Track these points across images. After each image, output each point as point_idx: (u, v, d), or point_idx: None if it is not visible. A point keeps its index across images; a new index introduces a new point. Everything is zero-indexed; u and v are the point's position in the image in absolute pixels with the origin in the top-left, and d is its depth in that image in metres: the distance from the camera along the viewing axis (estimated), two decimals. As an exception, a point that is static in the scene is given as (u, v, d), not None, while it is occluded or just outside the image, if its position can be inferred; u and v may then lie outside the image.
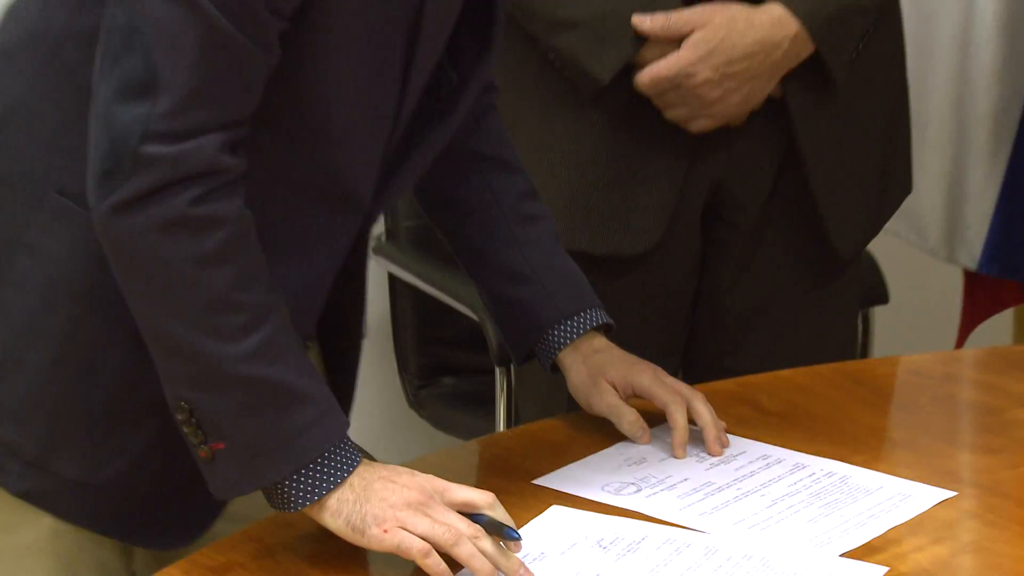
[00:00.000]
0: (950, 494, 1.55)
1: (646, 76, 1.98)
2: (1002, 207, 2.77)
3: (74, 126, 1.40)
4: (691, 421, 1.73)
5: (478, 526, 1.38)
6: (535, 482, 1.60)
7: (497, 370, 2.51)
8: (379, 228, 2.62)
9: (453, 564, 1.36)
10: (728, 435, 1.71)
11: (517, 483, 1.60)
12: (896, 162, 2.27)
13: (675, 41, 1.98)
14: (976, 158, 2.82)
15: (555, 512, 1.61)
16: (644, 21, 1.98)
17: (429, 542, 1.35)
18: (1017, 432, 1.74)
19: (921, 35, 2.53)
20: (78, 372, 1.45)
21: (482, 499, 1.41)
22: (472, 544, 1.35)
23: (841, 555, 1.44)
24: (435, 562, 1.34)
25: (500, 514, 1.43)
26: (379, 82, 1.47)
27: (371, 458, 1.47)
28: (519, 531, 1.46)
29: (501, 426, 2.52)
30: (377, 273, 2.69)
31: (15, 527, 1.49)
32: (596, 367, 1.63)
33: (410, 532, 1.36)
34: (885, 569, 1.38)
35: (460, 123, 1.60)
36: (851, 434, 1.69)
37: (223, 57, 1.32)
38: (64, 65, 1.43)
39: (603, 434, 1.67)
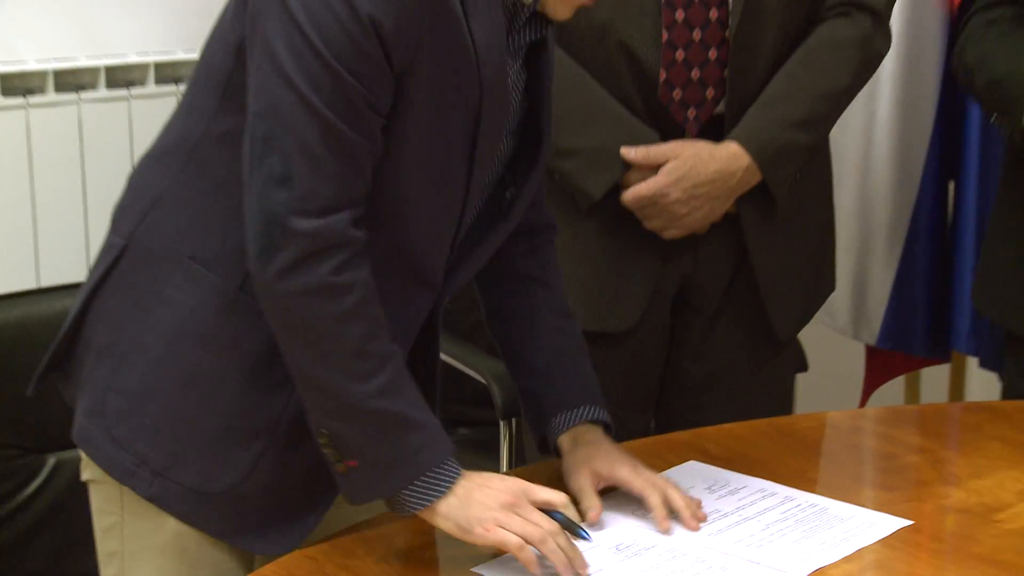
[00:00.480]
0: (907, 523, 1.64)
1: (629, 195, 2.11)
2: (894, 297, 2.91)
3: (207, 209, 1.54)
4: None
5: (557, 524, 1.50)
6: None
7: (501, 423, 2.62)
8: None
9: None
10: (733, 472, 1.81)
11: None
12: (824, 265, 2.39)
13: (653, 168, 2.10)
14: (875, 258, 2.95)
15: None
16: (629, 152, 2.10)
17: (521, 538, 1.47)
18: (910, 474, 1.88)
19: (833, 161, 2.51)
20: (199, 400, 1.54)
21: (559, 499, 1.54)
22: (553, 541, 1.47)
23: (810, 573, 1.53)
24: (528, 555, 1.46)
25: (572, 513, 1.56)
26: (447, 173, 1.58)
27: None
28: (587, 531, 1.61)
29: (504, 468, 2.61)
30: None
31: (148, 531, 1.57)
32: (584, 455, 1.68)
33: (506, 530, 1.48)
34: None
35: (514, 227, 1.71)
36: (780, 475, 1.78)
37: (339, 149, 1.42)
38: (201, 163, 1.55)
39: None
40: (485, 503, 1.49)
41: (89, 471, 1.61)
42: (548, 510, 1.54)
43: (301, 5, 1.39)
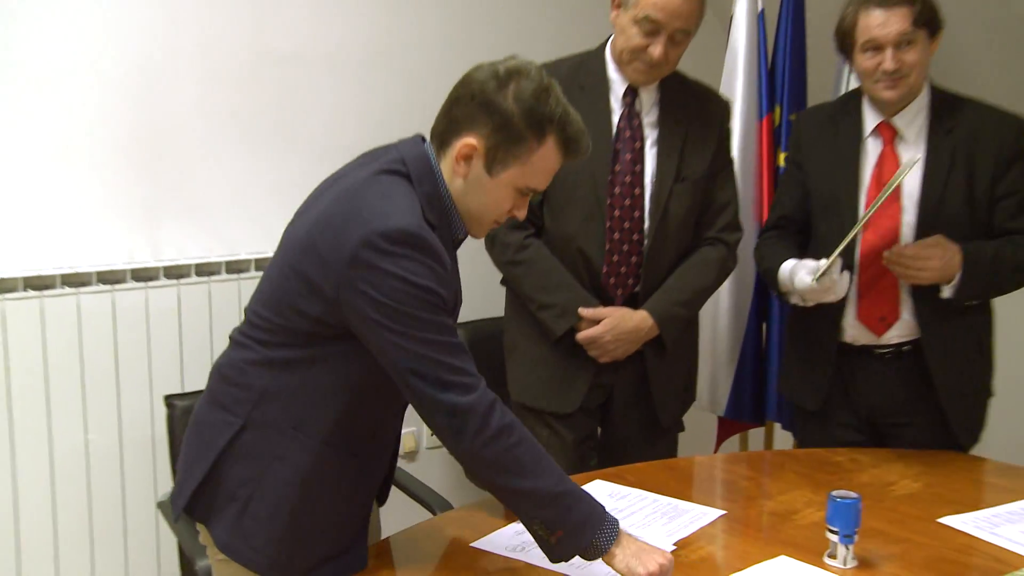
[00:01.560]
0: (720, 513, 1.89)
1: (581, 336, 2.30)
2: (732, 389, 3.05)
3: (296, 400, 1.59)
4: None
5: None
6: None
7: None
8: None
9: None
10: (631, 488, 1.98)
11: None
12: (691, 383, 2.55)
13: (597, 321, 2.30)
14: (721, 370, 3.05)
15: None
16: (584, 311, 2.30)
17: None
18: (742, 491, 2.08)
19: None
20: (306, 516, 1.61)
21: None
22: None
23: (674, 543, 1.75)
24: None
25: None
26: None
27: None
28: None
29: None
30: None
31: None
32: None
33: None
34: (672, 549, 1.70)
35: None
36: (665, 492, 1.99)
37: (452, 351, 1.53)
38: (290, 370, 1.61)
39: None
40: (647, 563, 1.53)
41: (230, 570, 1.63)
42: None
43: (387, 296, 1.46)
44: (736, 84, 2.93)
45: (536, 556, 1.64)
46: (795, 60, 2.92)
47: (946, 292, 2.17)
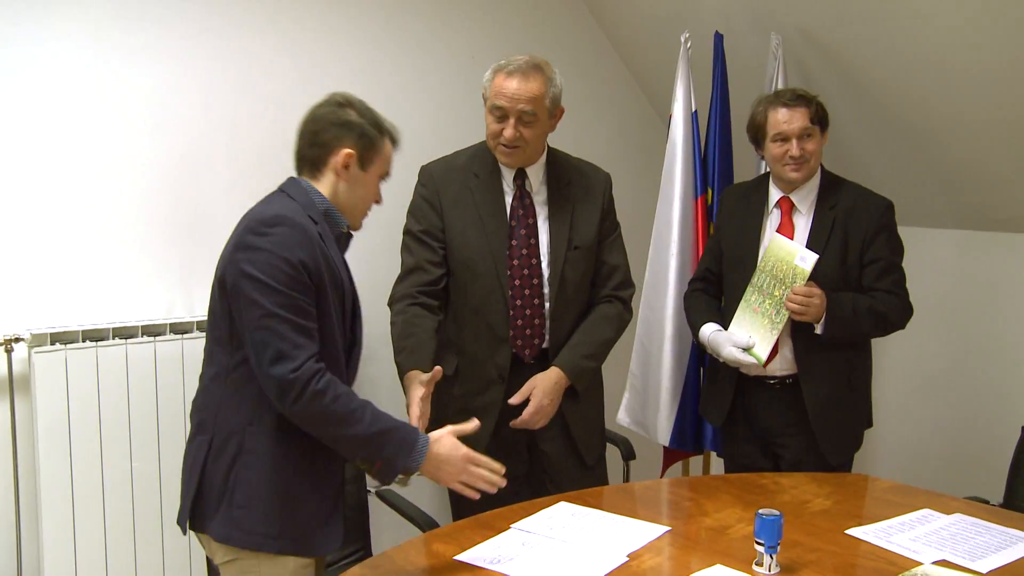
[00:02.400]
0: (666, 529, 1.87)
1: (519, 423, 2.27)
2: (675, 421, 2.96)
3: (244, 403, 1.65)
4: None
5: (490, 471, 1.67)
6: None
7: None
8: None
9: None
10: (592, 508, 1.95)
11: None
12: (602, 428, 2.53)
13: (527, 395, 2.26)
14: (664, 400, 2.97)
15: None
16: (513, 399, 2.27)
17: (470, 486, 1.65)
18: (684, 510, 2.05)
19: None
20: (285, 494, 1.65)
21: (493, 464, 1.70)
22: (485, 481, 1.68)
23: (627, 554, 1.73)
24: (472, 492, 1.65)
25: (498, 467, 1.72)
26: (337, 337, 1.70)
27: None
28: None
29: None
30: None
31: (281, 569, 1.67)
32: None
33: (464, 482, 1.66)
34: (626, 560, 1.69)
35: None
36: (618, 511, 1.97)
37: (297, 331, 1.58)
38: (234, 382, 1.66)
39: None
40: (446, 477, 1.66)
41: (231, 554, 1.66)
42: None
43: (258, 270, 1.56)
44: (676, 170, 2.97)
45: (513, 568, 1.65)
46: (723, 150, 2.99)
47: (818, 329, 2.29)
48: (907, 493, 2.13)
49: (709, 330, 2.43)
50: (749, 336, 2.32)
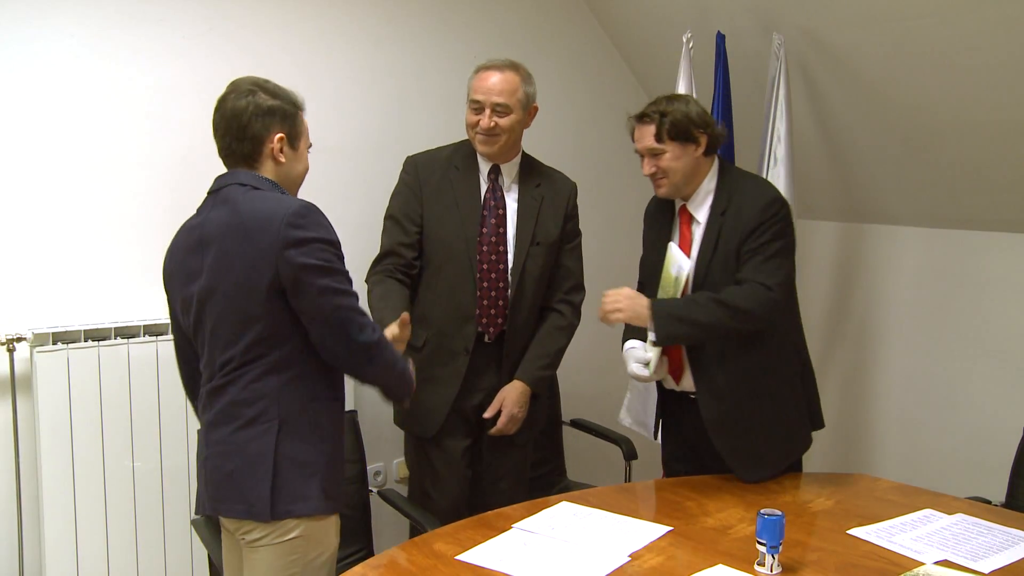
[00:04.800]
0: (668, 528, 1.89)
1: (493, 431, 2.48)
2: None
3: (298, 391, 1.74)
4: None
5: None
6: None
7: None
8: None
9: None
10: (594, 508, 1.97)
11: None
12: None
13: (499, 407, 2.48)
14: (649, 411, 2.84)
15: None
16: (488, 413, 2.48)
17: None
18: (687, 510, 2.03)
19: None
20: (332, 459, 1.79)
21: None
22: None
23: (629, 554, 1.74)
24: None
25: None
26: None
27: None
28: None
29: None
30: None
31: (323, 539, 1.78)
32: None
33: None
34: (627, 560, 1.71)
35: None
36: (619, 511, 1.98)
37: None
38: (293, 374, 1.75)
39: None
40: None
41: (297, 528, 1.73)
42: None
43: (316, 258, 1.67)
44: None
45: (514, 567, 1.66)
46: (724, 150, 2.70)
47: (650, 336, 2.21)
48: (909, 493, 2.14)
49: (627, 345, 2.38)
50: (645, 350, 2.28)
